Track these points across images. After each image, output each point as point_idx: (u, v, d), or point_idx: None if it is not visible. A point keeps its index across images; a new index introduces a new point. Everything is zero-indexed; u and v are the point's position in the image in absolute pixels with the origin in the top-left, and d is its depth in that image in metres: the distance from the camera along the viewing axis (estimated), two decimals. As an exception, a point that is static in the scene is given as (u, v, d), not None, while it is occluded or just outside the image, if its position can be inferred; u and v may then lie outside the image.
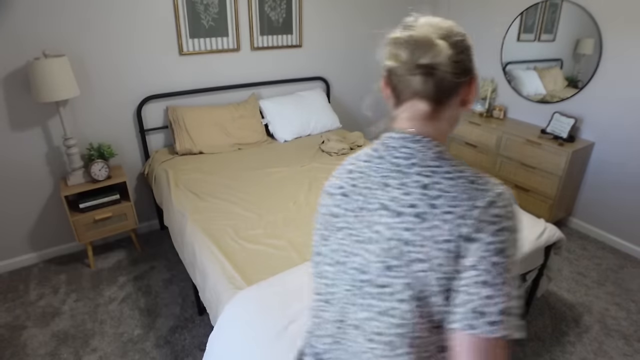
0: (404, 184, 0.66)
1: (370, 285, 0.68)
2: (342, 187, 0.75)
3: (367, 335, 0.69)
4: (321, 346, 0.78)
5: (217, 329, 1.34)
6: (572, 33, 2.74)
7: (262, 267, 1.56)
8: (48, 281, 2.41)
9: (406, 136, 0.68)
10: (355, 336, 0.71)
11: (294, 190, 2.15)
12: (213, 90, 2.82)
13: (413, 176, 0.66)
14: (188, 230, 1.85)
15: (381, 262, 0.66)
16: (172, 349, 1.94)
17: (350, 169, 0.77)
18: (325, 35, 3.19)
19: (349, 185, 0.74)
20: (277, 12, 2.89)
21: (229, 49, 2.79)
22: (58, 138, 2.41)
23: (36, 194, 2.46)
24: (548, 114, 3.00)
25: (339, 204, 0.74)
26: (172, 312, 2.16)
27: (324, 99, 3.14)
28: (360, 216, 0.70)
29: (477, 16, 3.37)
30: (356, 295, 0.70)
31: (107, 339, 1.99)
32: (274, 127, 2.90)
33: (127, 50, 2.45)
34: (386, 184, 0.68)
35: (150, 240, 2.81)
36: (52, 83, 2.06)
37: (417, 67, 0.65)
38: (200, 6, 2.58)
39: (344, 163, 0.81)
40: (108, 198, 2.43)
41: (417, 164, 0.66)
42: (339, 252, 0.73)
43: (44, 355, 1.91)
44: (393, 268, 0.65)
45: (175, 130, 2.60)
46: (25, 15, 2.12)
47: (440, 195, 0.63)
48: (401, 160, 0.68)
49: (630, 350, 1.95)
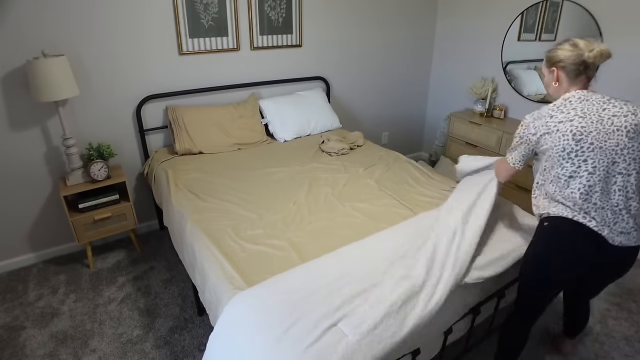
0: (614, 105, 1.34)
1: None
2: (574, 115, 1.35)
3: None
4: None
5: (217, 330, 1.33)
6: (572, 33, 2.73)
7: (262, 268, 1.55)
8: (47, 281, 2.40)
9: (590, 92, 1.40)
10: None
11: (294, 191, 2.15)
12: (213, 90, 2.81)
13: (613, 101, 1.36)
14: (187, 230, 1.84)
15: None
16: (171, 349, 1.93)
17: (567, 107, 1.39)
18: (325, 35, 3.19)
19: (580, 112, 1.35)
20: (276, 12, 2.89)
21: (228, 48, 2.78)
22: (57, 138, 2.40)
23: (35, 194, 2.45)
24: (548, 114, 2.99)
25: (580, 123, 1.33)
26: (171, 312, 2.15)
27: (324, 99, 3.13)
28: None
29: (478, 16, 3.37)
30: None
31: (107, 340, 1.99)
32: (274, 127, 2.89)
33: (126, 49, 2.44)
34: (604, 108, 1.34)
35: (149, 241, 2.80)
36: (51, 83, 2.06)
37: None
38: (200, 6, 2.57)
39: (544, 110, 1.44)
40: (107, 198, 2.42)
41: (610, 98, 1.37)
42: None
43: (43, 356, 1.90)
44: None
45: (174, 130, 2.59)
46: (25, 14, 2.11)
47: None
48: (599, 96, 1.37)
49: (632, 351, 1.95)
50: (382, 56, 3.57)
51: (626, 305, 2.24)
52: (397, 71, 3.74)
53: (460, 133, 3.35)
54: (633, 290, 2.37)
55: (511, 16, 3.10)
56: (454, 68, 3.72)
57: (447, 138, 3.51)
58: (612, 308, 2.22)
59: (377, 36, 3.47)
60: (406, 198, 2.09)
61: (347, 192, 2.14)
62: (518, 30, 3.07)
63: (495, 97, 3.37)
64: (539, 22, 2.92)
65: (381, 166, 2.48)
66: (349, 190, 2.17)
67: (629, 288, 2.38)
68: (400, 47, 3.65)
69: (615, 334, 2.04)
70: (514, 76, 3.19)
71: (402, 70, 3.76)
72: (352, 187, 2.20)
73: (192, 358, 1.88)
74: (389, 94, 3.79)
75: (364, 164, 2.51)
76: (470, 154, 3.29)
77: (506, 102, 3.31)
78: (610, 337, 2.03)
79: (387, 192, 2.15)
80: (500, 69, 3.29)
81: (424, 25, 3.70)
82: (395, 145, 4.06)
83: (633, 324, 2.11)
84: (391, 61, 3.66)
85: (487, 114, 3.31)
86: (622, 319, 2.14)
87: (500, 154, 3.04)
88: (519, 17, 3.03)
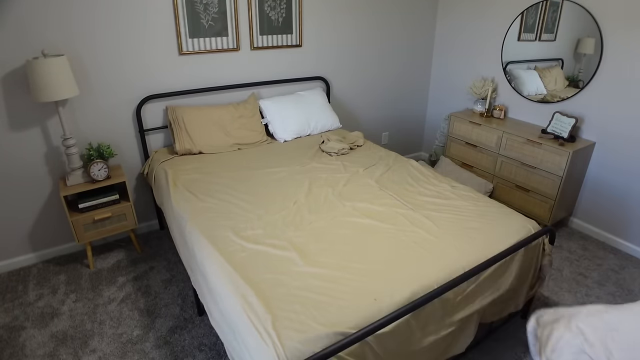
0: None
1: None
2: None
3: None
4: None
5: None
6: (572, 33, 2.73)
7: (261, 267, 1.55)
8: (47, 281, 2.40)
9: None
10: None
11: (294, 190, 2.15)
12: (213, 90, 2.81)
13: None
14: (187, 230, 1.84)
15: None
16: (171, 349, 1.93)
17: None
18: (325, 35, 3.19)
19: None
20: (276, 12, 2.89)
21: (228, 48, 2.78)
22: (57, 138, 2.40)
23: (35, 194, 2.45)
24: (548, 114, 3.00)
25: None
26: (171, 312, 2.15)
27: (324, 99, 3.13)
28: None
29: (478, 16, 3.37)
30: None
31: (107, 340, 1.98)
32: (274, 127, 2.89)
33: (126, 49, 2.44)
34: None
35: (149, 241, 2.80)
36: (51, 83, 2.06)
37: None
38: (200, 6, 2.57)
39: None
40: (107, 198, 2.42)
41: None
42: None
43: (42, 356, 1.90)
44: None
45: (174, 130, 2.59)
46: (25, 14, 2.11)
47: None
48: None
49: (632, 350, 1.94)
50: (382, 56, 3.57)
51: (626, 305, 2.24)
52: (397, 71, 3.74)
53: (460, 133, 3.35)
54: (633, 290, 2.37)
55: (511, 16, 3.10)
56: (454, 68, 3.72)
57: (447, 138, 3.51)
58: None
59: (377, 36, 3.47)
60: (406, 198, 2.10)
61: (348, 192, 2.14)
62: (518, 30, 3.07)
63: (495, 97, 3.37)
64: (539, 22, 2.92)
65: (381, 166, 2.48)
66: (349, 190, 2.17)
67: (629, 288, 2.38)
68: (400, 47, 3.65)
69: (615, 334, 2.04)
70: (514, 76, 3.19)
71: (402, 70, 3.76)
72: (353, 187, 2.20)
73: (192, 358, 1.88)
74: (389, 94, 3.79)
75: (364, 164, 2.51)
76: (471, 153, 3.29)
77: (506, 102, 3.31)
78: (610, 337, 2.03)
79: (388, 192, 2.15)
80: (500, 69, 3.29)
81: (424, 25, 3.70)
82: (395, 145, 4.06)
83: (633, 324, 2.10)
84: (391, 61, 3.66)
85: (487, 114, 3.31)
86: (623, 319, 2.14)
87: (500, 154, 3.04)
88: (519, 17, 3.03)
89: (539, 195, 2.84)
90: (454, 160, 3.48)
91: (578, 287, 2.37)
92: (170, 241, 2.78)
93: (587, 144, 2.71)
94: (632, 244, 2.70)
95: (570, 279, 2.44)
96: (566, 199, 2.84)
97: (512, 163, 2.97)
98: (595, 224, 2.89)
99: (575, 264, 2.59)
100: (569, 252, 2.72)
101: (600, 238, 2.87)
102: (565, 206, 2.88)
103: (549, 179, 2.75)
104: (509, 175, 3.03)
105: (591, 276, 2.48)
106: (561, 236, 2.91)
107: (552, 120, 2.82)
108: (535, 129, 2.98)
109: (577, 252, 2.71)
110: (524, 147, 2.87)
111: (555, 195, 2.73)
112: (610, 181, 2.73)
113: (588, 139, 2.79)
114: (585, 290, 2.35)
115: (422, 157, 4.31)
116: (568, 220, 3.05)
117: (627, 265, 2.58)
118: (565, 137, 2.70)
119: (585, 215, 2.94)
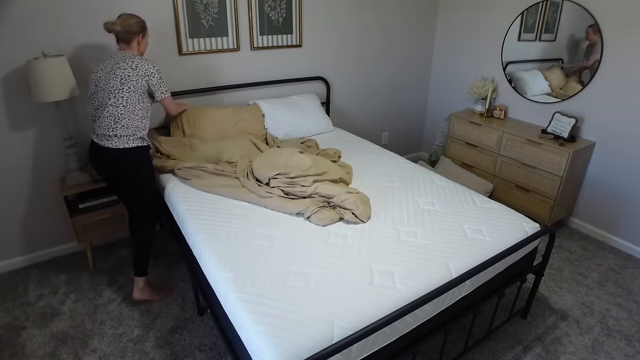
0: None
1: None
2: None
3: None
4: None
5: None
6: (573, 33, 2.73)
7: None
8: (47, 282, 2.40)
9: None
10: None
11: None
12: (212, 90, 2.81)
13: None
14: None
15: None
16: (171, 349, 1.93)
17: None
18: (325, 36, 3.19)
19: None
20: (277, 12, 2.89)
21: (228, 49, 2.78)
22: (57, 138, 2.40)
23: (35, 195, 2.45)
24: (549, 114, 3.00)
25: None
26: (171, 312, 2.15)
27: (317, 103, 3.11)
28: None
29: (478, 16, 3.37)
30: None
31: (107, 340, 1.99)
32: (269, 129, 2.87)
33: (126, 50, 2.44)
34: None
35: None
36: (51, 83, 2.06)
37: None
38: (200, 6, 2.57)
39: None
40: (108, 198, 2.42)
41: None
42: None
43: (43, 356, 1.90)
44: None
45: (174, 130, 2.59)
46: (25, 14, 2.11)
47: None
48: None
49: (632, 351, 1.95)
50: (382, 56, 3.57)
51: (626, 306, 2.24)
52: (397, 71, 3.73)
53: (460, 133, 3.35)
54: (633, 290, 2.37)
55: (511, 16, 3.10)
56: (454, 68, 3.72)
57: (447, 138, 3.51)
58: (612, 308, 2.22)
59: (377, 36, 3.47)
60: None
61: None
62: (518, 30, 3.07)
63: (495, 97, 3.37)
64: (539, 22, 2.92)
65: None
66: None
67: (629, 288, 2.38)
68: (400, 48, 3.65)
69: (615, 334, 2.04)
70: (517, 78, 3.18)
71: (402, 70, 3.76)
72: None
73: (193, 358, 1.88)
74: (389, 94, 3.79)
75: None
76: (471, 153, 3.29)
77: (506, 102, 3.31)
78: (610, 337, 2.03)
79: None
80: (500, 69, 3.29)
81: (424, 25, 3.70)
82: (395, 145, 4.06)
83: (633, 324, 2.11)
84: (391, 62, 3.66)
85: (487, 114, 3.31)
86: (622, 319, 2.14)
87: (500, 154, 3.05)
88: (519, 17, 3.03)
89: (539, 195, 2.84)
90: (454, 161, 3.48)
91: (578, 287, 2.37)
92: (171, 241, 2.78)
93: (587, 144, 2.71)
94: (632, 244, 2.70)
95: (570, 279, 2.44)
96: (566, 199, 2.84)
97: (512, 163, 2.97)
98: (595, 224, 2.89)
99: (575, 264, 2.59)
100: (569, 252, 2.72)
101: (600, 238, 2.87)
102: (565, 206, 2.88)
103: (549, 179, 2.75)
104: (509, 175, 3.03)
105: (591, 276, 2.48)
106: (561, 236, 2.91)
107: (552, 121, 2.82)
108: (536, 129, 2.98)
109: (577, 252, 2.71)
110: (524, 147, 2.87)
111: (555, 195, 2.73)
112: (610, 181, 2.73)
113: (588, 139, 2.79)
114: (585, 290, 2.35)
115: (422, 157, 4.31)
116: (568, 220, 3.05)
117: (627, 265, 2.58)
118: (565, 137, 2.70)
119: (585, 215, 2.94)
